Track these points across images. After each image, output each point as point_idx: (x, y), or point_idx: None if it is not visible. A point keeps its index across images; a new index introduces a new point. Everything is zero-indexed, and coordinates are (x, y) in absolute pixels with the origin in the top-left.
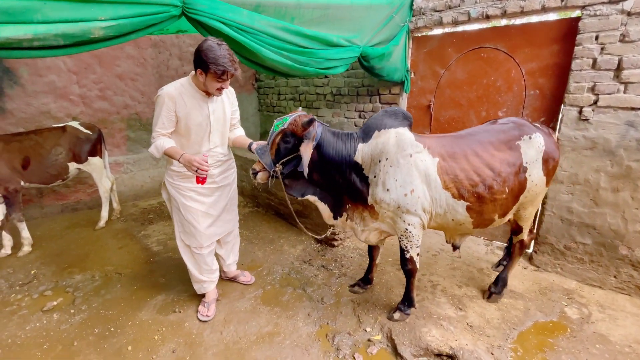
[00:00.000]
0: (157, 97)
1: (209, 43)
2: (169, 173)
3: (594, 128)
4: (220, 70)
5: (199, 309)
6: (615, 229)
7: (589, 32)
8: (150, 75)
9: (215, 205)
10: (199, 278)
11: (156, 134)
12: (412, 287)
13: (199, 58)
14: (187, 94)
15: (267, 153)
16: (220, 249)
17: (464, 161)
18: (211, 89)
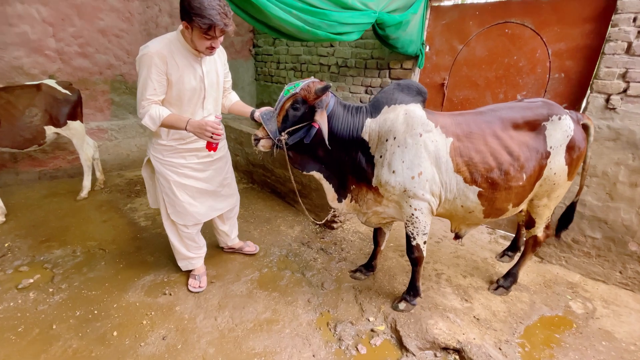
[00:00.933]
0: (142, 56)
1: None
2: (155, 148)
3: (620, 118)
4: (205, 24)
5: (189, 282)
6: (627, 224)
7: (627, 13)
8: (137, 32)
9: (211, 180)
10: (186, 255)
11: (146, 102)
12: (418, 276)
13: (183, 7)
14: (178, 52)
15: (274, 119)
16: (224, 225)
17: (480, 142)
18: (200, 47)
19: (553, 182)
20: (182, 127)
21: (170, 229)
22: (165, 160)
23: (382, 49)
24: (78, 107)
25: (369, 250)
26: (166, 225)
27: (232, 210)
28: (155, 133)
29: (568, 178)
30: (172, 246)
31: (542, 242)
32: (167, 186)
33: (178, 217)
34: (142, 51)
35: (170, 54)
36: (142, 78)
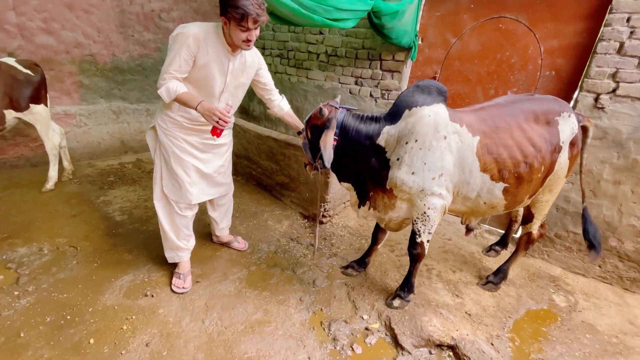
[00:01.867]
0: (178, 35)
1: None
2: (162, 118)
3: (608, 118)
4: (238, 14)
5: (173, 281)
6: (609, 220)
7: (622, 13)
8: (109, 8)
9: (208, 163)
10: (176, 244)
11: (168, 76)
12: (415, 272)
13: (221, 2)
14: (212, 43)
15: (307, 149)
16: (214, 212)
17: (507, 136)
18: (237, 40)
19: (558, 177)
20: (193, 106)
21: (163, 211)
22: (169, 131)
23: (374, 38)
24: (42, 89)
25: (359, 245)
26: (158, 207)
27: (224, 197)
28: (166, 105)
29: (567, 175)
30: (162, 232)
31: (535, 241)
32: (166, 156)
33: (171, 191)
34: (180, 29)
35: (205, 40)
36: (172, 54)
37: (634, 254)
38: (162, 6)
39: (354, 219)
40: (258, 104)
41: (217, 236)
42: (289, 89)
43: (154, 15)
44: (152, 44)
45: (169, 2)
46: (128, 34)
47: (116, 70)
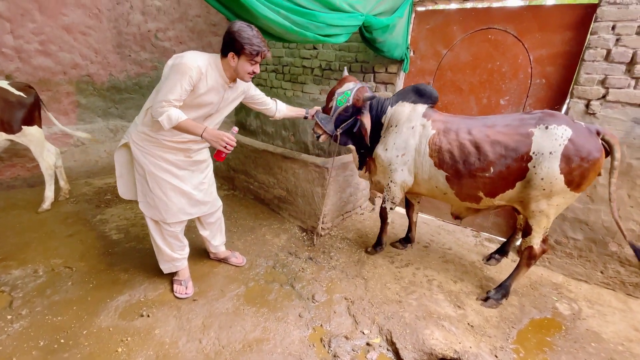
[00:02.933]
0: (181, 65)
1: (240, 24)
2: (140, 136)
3: (600, 123)
4: (255, 50)
5: (175, 287)
6: (607, 225)
7: (606, 21)
8: (106, 29)
9: (187, 180)
10: (170, 256)
11: (167, 104)
12: (383, 231)
13: (232, 40)
14: (212, 74)
15: (331, 121)
16: (204, 230)
17: (452, 136)
18: (242, 72)
19: (543, 188)
20: (198, 133)
21: (153, 228)
22: (146, 150)
23: (367, 52)
24: (35, 110)
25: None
26: (149, 223)
27: (212, 215)
28: (145, 123)
29: (570, 188)
30: (155, 247)
31: (537, 256)
32: (143, 175)
33: (148, 209)
34: (181, 59)
35: (206, 72)
36: (172, 81)
37: (635, 258)
38: (158, 26)
39: (352, 230)
40: (255, 119)
41: (213, 253)
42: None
43: (151, 35)
44: (149, 63)
45: (165, 22)
46: (125, 54)
47: (113, 90)
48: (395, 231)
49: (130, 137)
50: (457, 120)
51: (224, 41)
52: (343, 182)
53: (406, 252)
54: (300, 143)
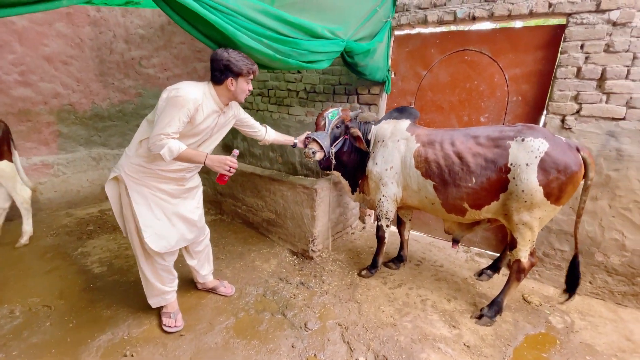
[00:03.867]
0: (178, 98)
1: (224, 50)
2: (133, 168)
3: (576, 137)
4: (250, 69)
5: (163, 321)
6: (592, 236)
7: (575, 41)
8: (89, 59)
9: (181, 207)
10: (161, 289)
11: (166, 136)
12: (379, 252)
13: (227, 67)
14: (208, 104)
15: (327, 138)
16: (192, 260)
17: (437, 147)
18: (241, 93)
19: (524, 200)
20: (200, 161)
21: (144, 262)
22: (140, 181)
23: (350, 75)
24: (3, 144)
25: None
26: (139, 257)
27: (200, 243)
28: (139, 154)
29: (551, 201)
30: (144, 281)
31: (526, 270)
32: (143, 203)
33: (152, 240)
34: (177, 92)
35: (202, 103)
36: (170, 115)
37: (621, 267)
38: (142, 54)
39: (344, 251)
40: (242, 141)
41: (201, 283)
42: (272, 125)
43: (134, 63)
44: (133, 90)
45: (149, 49)
46: (108, 82)
47: (96, 118)
48: (386, 249)
49: (122, 169)
50: (441, 132)
51: (217, 69)
52: (332, 202)
53: (399, 271)
54: (288, 164)
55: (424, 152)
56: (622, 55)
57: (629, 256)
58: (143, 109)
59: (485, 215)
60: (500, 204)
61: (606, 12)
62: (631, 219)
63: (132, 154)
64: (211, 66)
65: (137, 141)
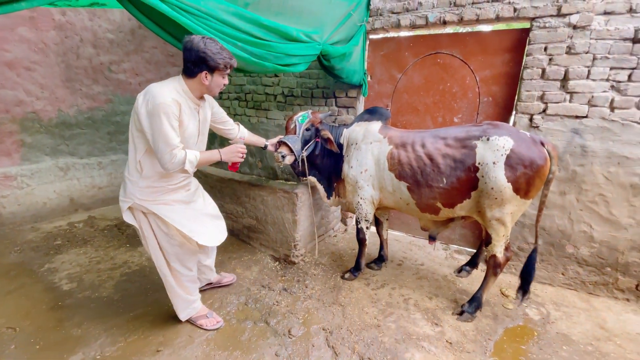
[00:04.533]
0: (159, 106)
1: (201, 39)
2: (142, 192)
3: (544, 135)
4: (227, 63)
5: (203, 325)
6: (562, 229)
7: (539, 43)
8: (54, 64)
9: (199, 207)
10: (188, 299)
11: (176, 149)
12: (361, 255)
13: (201, 59)
14: (184, 101)
15: (298, 141)
16: (207, 259)
17: (409, 149)
18: (216, 87)
19: (495, 197)
20: (217, 158)
21: (170, 279)
22: (155, 200)
23: (327, 78)
24: None
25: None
26: (166, 275)
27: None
28: (146, 176)
29: (520, 195)
30: (174, 299)
31: (502, 265)
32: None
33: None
34: (156, 100)
35: (180, 102)
36: (164, 127)
37: (591, 258)
38: (111, 59)
39: (326, 254)
40: (219, 145)
41: (208, 280)
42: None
43: (104, 68)
44: (103, 96)
45: (120, 54)
46: (75, 88)
47: (63, 126)
48: (368, 250)
49: (133, 198)
50: (412, 134)
51: (190, 61)
52: (314, 206)
53: (381, 271)
54: (268, 169)
55: (397, 154)
56: (582, 56)
57: (598, 247)
58: (114, 116)
59: (460, 213)
60: (472, 202)
61: (567, 16)
62: (598, 212)
63: (136, 179)
64: (184, 55)
65: (136, 161)
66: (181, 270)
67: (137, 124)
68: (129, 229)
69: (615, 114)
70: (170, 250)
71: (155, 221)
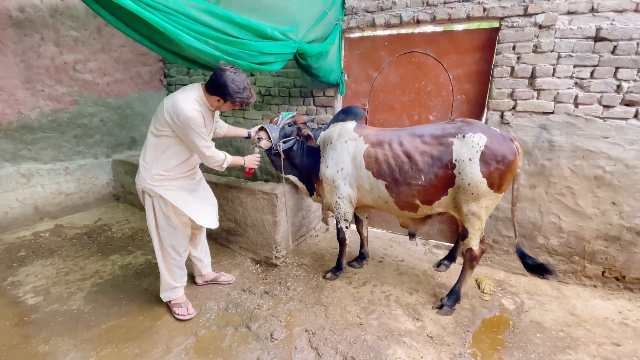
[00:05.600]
0: (190, 118)
1: (232, 72)
2: (153, 177)
3: (514, 131)
4: (242, 102)
5: (175, 311)
6: (533, 221)
7: (508, 42)
8: (12, 64)
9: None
10: (172, 285)
11: (211, 149)
12: (342, 254)
13: (223, 90)
14: (204, 110)
15: (277, 131)
16: (195, 251)
17: (386, 147)
18: (224, 110)
19: (471, 192)
20: (242, 163)
21: (161, 259)
22: (164, 186)
23: (304, 77)
24: None
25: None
26: (157, 254)
27: (201, 235)
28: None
29: (494, 190)
30: (161, 277)
31: (478, 257)
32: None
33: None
34: (188, 114)
35: (202, 111)
36: (194, 135)
37: (560, 247)
38: (76, 58)
39: (308, 254)
40: None
41: (202, 276)
42: None
43: (68, 68)
44: (68, 97)
45: (85, 53)
46: (37, 89)
47: (24, 129)
48: (349, 249)
49: (144, 182)
50: (389, 132)
51: (213, 83)
52: (294, 206)
53: (362, 269)
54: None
55: (374, 152)
56: (548, 55)
57: (566, 237)
58: (80, 118)
59: (437, 209)
60: (449, 198)
61: (533, 16)
62: (565, 203)
63: (150, 166)
64: (212, 75)
65: (154, 156)
66: (172, 253)
67: (162, 124)
68: (100, 237)
69: (579, 110)
70: (166, 231)
71: (159, 203)
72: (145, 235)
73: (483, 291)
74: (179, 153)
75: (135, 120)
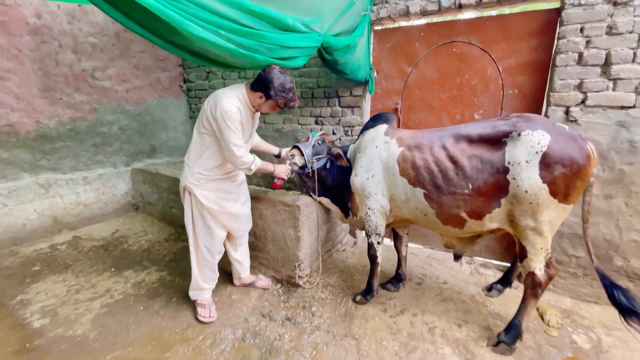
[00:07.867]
0: (226, 112)
1: (281, 73)
2: (195, 177)
3: (584, 130)
4: (283, 104)
5: (198, 311)
6: (609, 238)
7: (574, 24)
8: (30, 72)
9: (239, 199)
10: (201, 286)
11: (242, 149)
12: (373, 274)
13: (266, 85)
14: (243, 109)
15: (310, 147)
16: (235, 252)
17: (427, 151)
18: (265, 110)
19: (530, 202)
20: (271, 170)
21: (194, 258)
22: (202, 186)
23: (328, 76)
24: None
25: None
26: (192, 252)
27: (243, 237)
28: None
29: (558, 200)
30: (193, 274)
31: (543, 285)
32: (200, 209)
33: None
34: (226, 108)
35: (241, 108)
36: (229, 130)
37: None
38: (95, 65)
39: (335, 273)
40: None
41: (240, 278)
42: None
43: (87, 75)
44: (86, 105)
45: (104, 59)
46: (55, 97)
47: (42, 139)
48: (383, 267)
49: (186, 180)
50: (427, 133)
51: (259, 78)
52: (319, 219)
53: (399, 293)
54: (268, 177)
55: (410, 156)
56: (626, 37)
57: None
58: (99, 126)
59: (489, 225)
60: (503, 211)
61: None
62: None
63: (192, 165)
64: (260, 72)
65: (196, 155)
66: (205, 254)
67: (204, 123)
68: (115, 250)
69: None
70: (202, 229)
71: (197, 201)
72: (161, 248)
73: (548, 324)
74: (219, 154)
75: (155, 127)
